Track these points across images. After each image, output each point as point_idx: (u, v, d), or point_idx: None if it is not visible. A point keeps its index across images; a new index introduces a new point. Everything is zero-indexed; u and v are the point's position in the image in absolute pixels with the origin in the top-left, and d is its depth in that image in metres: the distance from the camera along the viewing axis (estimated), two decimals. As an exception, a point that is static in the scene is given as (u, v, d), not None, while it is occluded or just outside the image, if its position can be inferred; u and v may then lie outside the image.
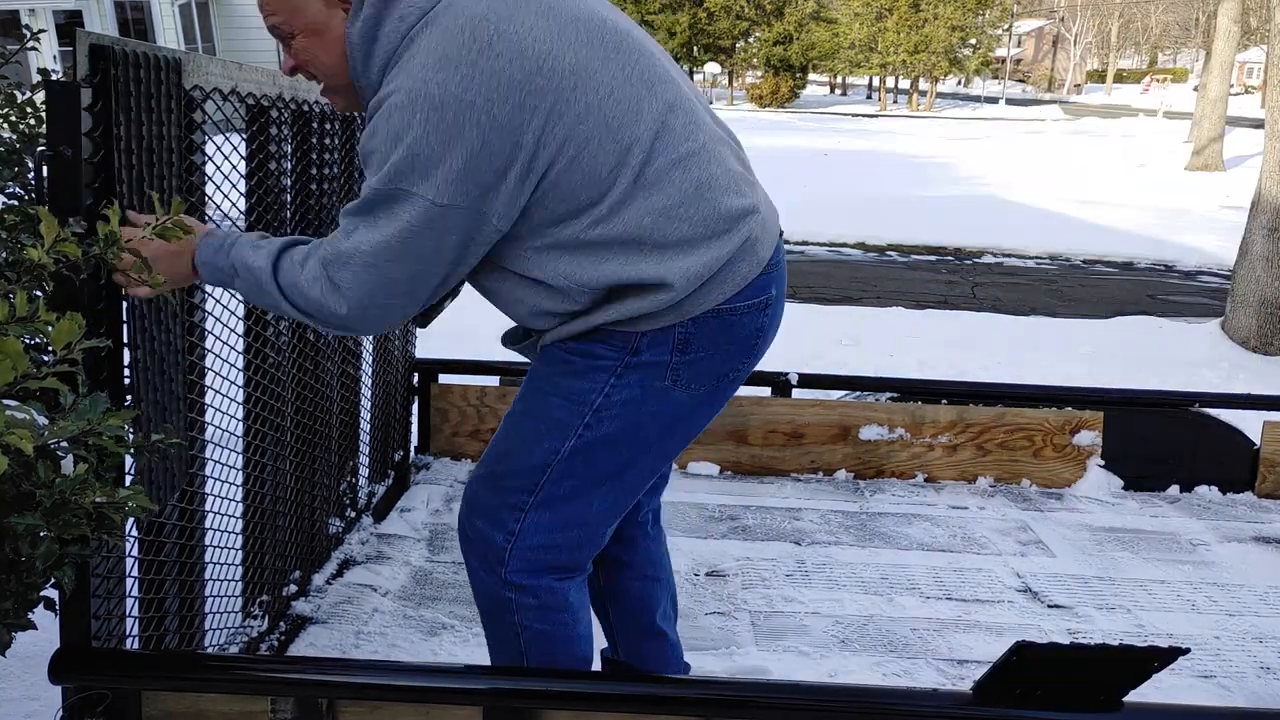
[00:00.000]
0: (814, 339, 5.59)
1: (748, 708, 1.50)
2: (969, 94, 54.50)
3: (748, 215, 1.44)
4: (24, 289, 1.22)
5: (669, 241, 1.38)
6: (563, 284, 1.40)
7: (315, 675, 1.56)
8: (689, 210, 1.38)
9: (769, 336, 1.53)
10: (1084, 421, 3.24)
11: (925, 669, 2.18)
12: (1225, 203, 13.13)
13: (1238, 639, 2.36)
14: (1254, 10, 29.40)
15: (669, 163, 1.38)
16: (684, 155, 1.39)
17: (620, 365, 1.46)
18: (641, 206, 1.36)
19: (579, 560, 1.59)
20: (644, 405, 1.47)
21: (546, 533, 1.53)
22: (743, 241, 1.43)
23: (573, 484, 1.51)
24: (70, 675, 1.44)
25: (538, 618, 1.56)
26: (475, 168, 1.28)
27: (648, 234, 1.37)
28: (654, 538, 1.85)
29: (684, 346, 1.45)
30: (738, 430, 3.24)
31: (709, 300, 1.42)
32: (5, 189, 1.65)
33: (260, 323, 1.98)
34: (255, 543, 2.05)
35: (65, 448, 1.21)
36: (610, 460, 1.51)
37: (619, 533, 1.76)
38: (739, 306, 1.45)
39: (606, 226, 1.37)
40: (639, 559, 1.82)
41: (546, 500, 1.51)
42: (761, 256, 1.46)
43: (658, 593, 1.84)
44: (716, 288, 1.42)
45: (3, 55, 1.69)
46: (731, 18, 40.86)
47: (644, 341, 1.44)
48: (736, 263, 1.43)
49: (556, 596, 1.56)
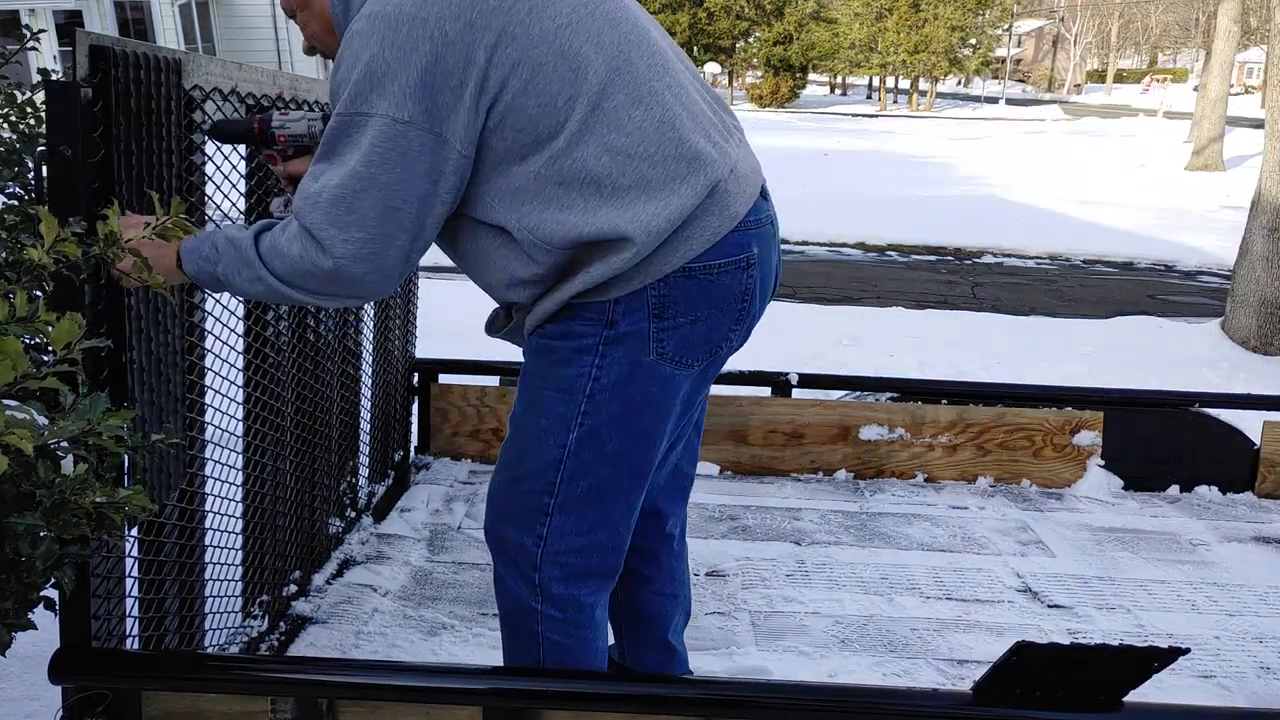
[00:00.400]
0: (814, 339, 5.59)
1: (748, 708, 1.50)
2: (969, 94, 54.49)
3: (712, 161, 1.39)
4: (24, 289, 1.22)
5: (628, 184, 1.35)
6: (525, 237, 1.38)
7: (315, 675, 1.56)
8: (648, 148, 1.35)
9: (758, 301, 1.48)
10: (1084, 421, 3.24)
11: (925, 669, 2.18)
12: (1225, 203, 13.13)
13: (1238, 639, 2.36)
14: (1254, 10, 29.40)
15: (629, 99, 1.35)
16: (645, 94, 1.37)
17: (600, 342, 1.43)
18: (599, 143, 1.34)
19: (610, 563, 1.56)
20: (635, 383, 1.44)
21: (574, 535, 1.51)
22: (708, 190, 1.38)
23: (587, 481, 1.48)
24: (70, 675, 1.44)
25: (560, 630, 1.54)
26: (430, 84, 1.28)
27: (606, 174, 1.34)
28: (678, 554, 1.83)
29: (660, 311, 1.41)
30: (738, 430, 3.24)
31: (677, 257, 1.38)
32: (5, 189, 1.65)
33: (260, 322, 1.98)
34: (255, 543, 2.05)
35: (65, 448, 1.21)
36: (617, 446, 1.47)
37: (644, 547, 1.75)
38: (713, 265, 1.40)
39: (565, 163, 1.34)
40: (661, 575, 1.80)
41: (566, 501, 1.49)
42: (735, 211, 1.41)
43: (674, 610, 1.83)
44: (683, 243, 1.38)
45: (3, 55, 1.69)
46: (731, 18, 40.85)
47: (618, 310, 1.41)
48: (704, 215, 1.39)
49: (583, 613, 1.55)
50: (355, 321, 2.52)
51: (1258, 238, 5.93)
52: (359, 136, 1.30)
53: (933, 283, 8.47)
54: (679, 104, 1.40)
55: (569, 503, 1.49)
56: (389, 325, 2.85)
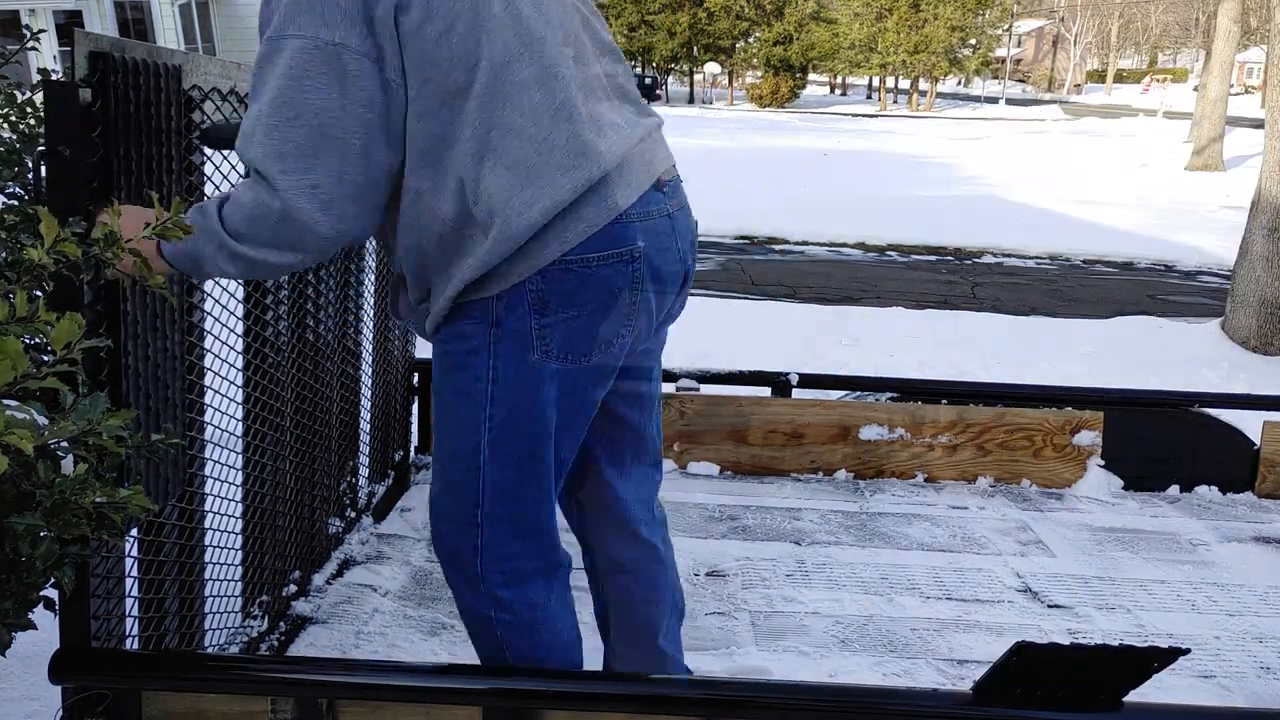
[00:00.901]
0: (814, 339, 5.60)
1: (748, 708, 1.50)
2: (969, 94, 54.50)
3: (598, 155, 1.37)
4: (24, 289, 1.22)
5: (509, 163, 1.33)
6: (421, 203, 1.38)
7: (315, 675, 1.56)
8: (540, 132, 1.34)
9: (650, 296, 1.45)
10: (1084, 421, 3.24)
11: (925, 669, 2.18)
12: (1225, 203, 13.14)
13: (1238, 639, 2.36)
14: (1254, 10, 29.40)
15: (533, 78, 1.34)
16: (549, 77, 1.36)
17: (489, 341, 1.41)
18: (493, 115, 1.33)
19: (548, 561, 1.55)
20: (528, 384, 1.42)
21: (508, 541, 1.50)
22: (587, 185, 1.36)
23: (507, 484, 1.47)
24: (70, 675, 1.44)
25: (518, 634, 1.54)
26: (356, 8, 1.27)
27: (491, 150, 1.33)
28: (661, 559, 1.78)
29: (541, 307, 1.39)
30: (738, 430, 3.24)
31: (551, 249, 1.36)
32: (5, 189, 1.65)
33: (260, 323, 1.98)
34: (255, 543, 2.05)
35: (65, 448, 1.21)
36: (525, 446, 1.46)
37: (617, 557, 1.73)
38: (591, 258, 1.38)
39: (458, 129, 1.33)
40: (641, 583, 1.76)
41: (493, 509, 1.48)
42: (614, 203, 1.39)
43: (659, 616, 1.79)
44: (558, 236, 1.36)
45: (3, 55, 1.69)
46: (731, 18, 40.87)
47: (501, 307, 1.39)
48: (581, 207, 1.36)
49: (537, 611, 1.54)
50: (355, 321, 2.52)
51: (1258, 238, 5.93)
52: (281, 59, 1.28)
53: (933, 283, 8.47)
54: (581, 92, 1.39)
55: (495, 509, 1.48)
56: (389, 325, 2.85)
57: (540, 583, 1.55)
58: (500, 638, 1.55)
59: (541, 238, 1.36)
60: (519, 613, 1.53)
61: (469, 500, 1.49)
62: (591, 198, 1.37)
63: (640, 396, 1.68)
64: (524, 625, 1.54)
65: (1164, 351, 5.77)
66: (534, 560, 1.54)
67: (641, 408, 1.69)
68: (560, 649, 1.59)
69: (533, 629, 1.55)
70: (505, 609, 1.52)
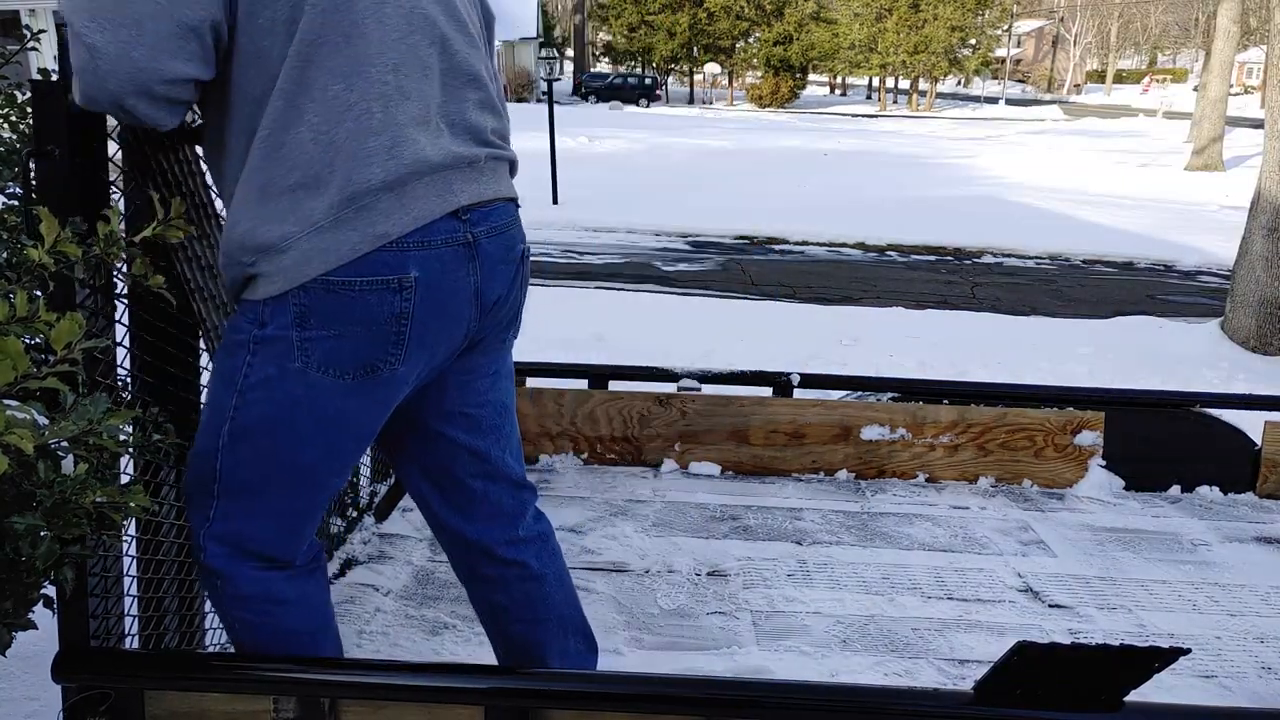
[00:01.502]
0: (814, 339, 5.60)
1: (749, 707, 1.50)
2: (969, 94, 54.52)
3: (371, 173, 1.33)
4: (24, 289, 1.22)
5: (286, 160, 1.32)
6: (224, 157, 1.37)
7: (317, 674, 1.55)
8: (325, 126, 1.31)
9: (429, 327, 1.40)
10: (1085, 422, 3.24)
11: (926, 669, 2.18)
12: (1225, 203, 13.14)
13: (1239, 639, 2.36)
14: (1254, 10, 29.42)
15: (339, 72, 1.32)
16: (355, 74, 1.33)
17: (252, 340, 1.39)
18: (293, 97, 1.31)
19: (279, 553, 1.51)
20: (283, 386, 1.39)
21: (235, 520, 1.47)
22: (352, 193, 1.32)
23: (244, 473, 1.45)
24: (73, 675, 1.44)
25: (240, 606, 1.50)
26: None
27: (275, 137, 1.32)
28: (538, 575, 1.70)
29: (302, 320, 1.36)
30: (739, 430, 3.24)
31: (312, 266, 1.32)
32: (5, 189, 1.65)
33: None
34: (256, 543, 2.04)
35: (65, 448, 1.21)
36: (271, 447, 1.43)
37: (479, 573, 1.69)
38: (353, 281, 1.33)
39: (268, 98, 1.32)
40: (516, 603, 1.70)
41: (227, 488, 1.45)
42: (382, 230, 1.34)
43: (545, 635, 1.72)
44: (317, 253, 1.32)
45: (3, 55, 1.69)
46: (731, 18, 40.89)
47: (267, 312, 1.37)
48: (342, 228, 1.32)
49: (258, 586, 1.49)
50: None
51: (1257, 238, 5.93)
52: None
53: (932, 283, 8.47)
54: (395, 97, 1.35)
55: (230, 489, 1.45)
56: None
57: (261, 564, 1.50)
58: (225, 610, 1.52)
59: (302, 248, 1.33)
60: (239, 584, 1.49)
61: (206, 475, 1.46)
62: (355, 220, 1.33)
63: (472, 419, 1.62)
64: (244, 598, 1.49)
65: (1164, 351, 5.77)
66: (260, 546, 1.49)
67: (479, 432, 1.63)
68: (287, 635, 1.54)
69: (256, 602, 1.50)
70: (225, 580, 1.48)
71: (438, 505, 1.67)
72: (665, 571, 2.56)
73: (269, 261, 1.34)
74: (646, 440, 3.23)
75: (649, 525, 2.82)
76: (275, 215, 1.33)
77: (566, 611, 1.76)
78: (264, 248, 1.34)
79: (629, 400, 3.19)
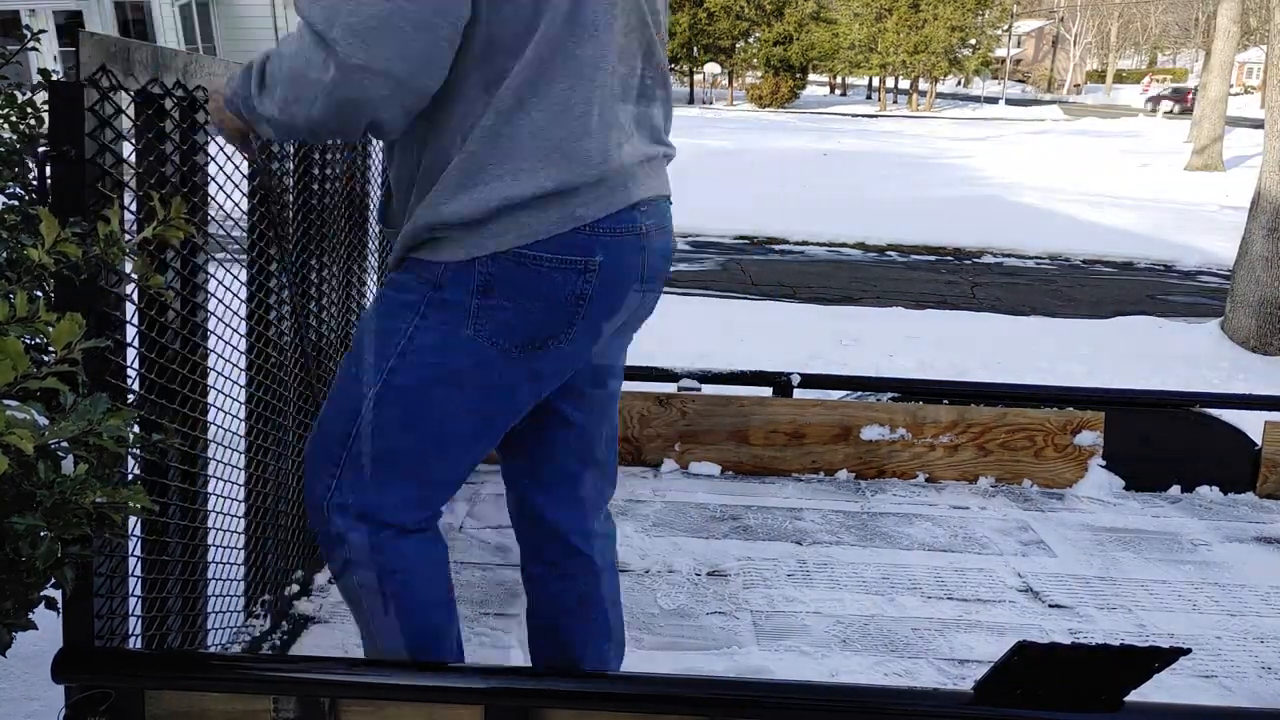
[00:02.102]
0: (814, 339, 5.60)
1: (749, 707, 1.50)
2: (969, 94, 54.53)
3: (585, 165, 1.37)
4: (24, 289, 1.22)
5: (506, 141, 1.34)
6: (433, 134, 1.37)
7: (318, 674, 1.56)
8: (544, 117, 1.34)
9: (601, 309, 1.44)
10: (1085, 422, 3.24)
11: (926, 669, 2.18)
12: (1225, 203, 13.15)
13: (1239, 639, 2.36)
14: (1254, 10, 29.44)
15: (568, 72, 1.34)
16: (582, 76, 1.35)
17: (424, 302, 1.40)
18: (522, 90, 1.33)
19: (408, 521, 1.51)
20: (447, 354, 1.41)
21: (364, 489, 1.46)
22: (557, 188, 1.36)
23: (385, 439, 1.44)
24: (73, 674, 1.44)
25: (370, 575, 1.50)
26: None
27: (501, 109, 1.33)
28: (594, 571, 1.71)
29: (485, 290, 1.38)
30: (739, 430, 3.24)
31: (508, 237, 1.36)
32: (5, 189, 1.65)
33: (263, 321, 1.98)
34: (257, 542, 2.05)
35: (65, 448, 1.21)
36: (423, 413, 1.44)
37: (543, 555, 1.69)
38: (543, 257, 1.37)
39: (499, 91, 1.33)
40: (569, 594, 1.71)
41: (361, 453, 1.45)
42: (581, 214, 1.38)
43: (582, 635, 1.72)
44: (515, 226, 1.36)
45: (3, 55, 1.69)
46: (731, 18, 40.89)
47: (447, 276, 1.39)
48: (546, 206, 1.36)
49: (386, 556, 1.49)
50: (359, 319, 2.52)
51: (1257, 238, 5.93)
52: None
53: (932, 283, 8.47)
54: (609, 100, 1.39)
55: (362, 454, 1.45)
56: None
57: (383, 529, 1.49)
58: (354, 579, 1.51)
59: (499, 223, 1.36)
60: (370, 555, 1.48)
61: (339, 436, 1.46)
62: (557, 201, 1.37)
63: (587, 399, 1.65)
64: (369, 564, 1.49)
65: (1164, 351, 5.77)
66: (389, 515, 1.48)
67: (590, 411, 1.65)
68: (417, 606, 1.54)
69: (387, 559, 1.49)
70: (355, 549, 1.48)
71: (528, 482, 1.68)
72: (665, 571, 2.56)
73: (463, 230, 1.36)
74: (646, 440, 3.23)
75: (649, 525, 2.82)
76: (480, 199, 1.35)
77: (611, 615, 1.77)
78: (464, 222, 1.36)
79: (629, 400, 3.19)
